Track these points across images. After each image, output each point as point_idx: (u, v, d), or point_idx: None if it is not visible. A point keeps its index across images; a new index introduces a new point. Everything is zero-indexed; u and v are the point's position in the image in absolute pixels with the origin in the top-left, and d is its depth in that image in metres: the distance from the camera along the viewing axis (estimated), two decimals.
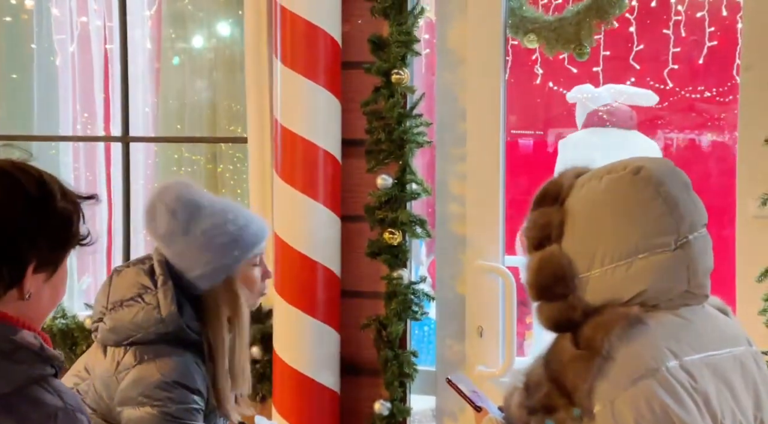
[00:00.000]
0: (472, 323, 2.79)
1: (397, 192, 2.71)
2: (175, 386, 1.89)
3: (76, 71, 3.79)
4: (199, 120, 3.67)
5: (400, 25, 2.67)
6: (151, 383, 1.89)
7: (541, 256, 1.46)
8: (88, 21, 3.85)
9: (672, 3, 5.65)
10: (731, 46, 5.33)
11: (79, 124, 3.80)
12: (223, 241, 1.95)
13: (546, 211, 1.47)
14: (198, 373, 1.94)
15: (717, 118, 6.50)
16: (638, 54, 5.58)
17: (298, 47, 2.70)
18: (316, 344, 2.74)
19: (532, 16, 2.70)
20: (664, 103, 6.46)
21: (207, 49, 3.71)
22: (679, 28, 5.61)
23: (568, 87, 5.98)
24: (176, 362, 1.91)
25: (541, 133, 6.52)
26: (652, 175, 1.41)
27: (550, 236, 1.45)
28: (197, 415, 1.92)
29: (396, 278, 2.72)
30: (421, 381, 2.83)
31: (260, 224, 2.05)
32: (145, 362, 1.92)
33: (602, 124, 4.75)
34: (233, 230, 1.96)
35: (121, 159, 3.38)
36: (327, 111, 2.72)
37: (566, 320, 1.44)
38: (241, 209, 2.06)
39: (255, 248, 2.00)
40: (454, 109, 2.77)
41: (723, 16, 5.45)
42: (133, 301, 1.96)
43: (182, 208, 1.96)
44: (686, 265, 1.41)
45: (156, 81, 3.73)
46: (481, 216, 2.75)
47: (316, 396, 2.75)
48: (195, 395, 1.91)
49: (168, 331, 1.93)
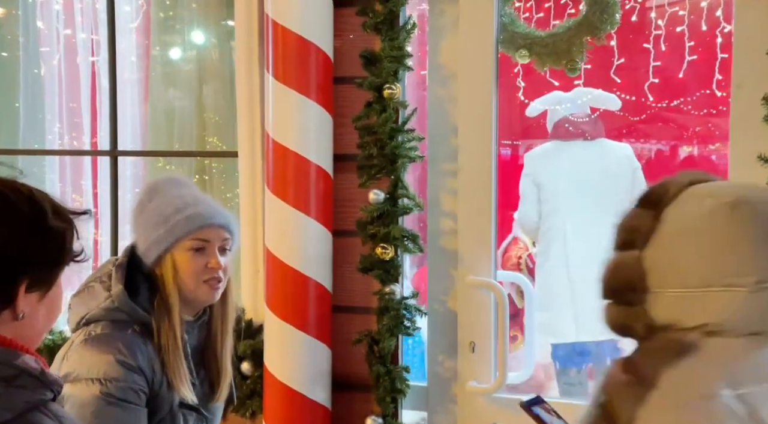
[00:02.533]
0: (464, 338, 2.78)
1: (389, 207, 2.71)
2: (116, 363, 1.89)
3: (62, 84, 3.77)
4: (184, 133, 3.66)
5: (392, 40, 2.67)
6: (92, 359, 1.90)
7: (620, 259, 1.43)
8: (74, 33, 3.82)
9: (652, 17, 5.71)
10: (711, 60, 5.40)
11: (66, 137, 3.77)
12: (157, 220, 2.00)
13: (641, 213, 1.43)
14: (142, 352, 1.94)
15: (693, 131, 6.57)
16: (619, 67, 5.63)
17: (290, 62, 2.69)
18: (307, 360, 2.73)
19: (524, 32, 2.71)
20: (643, 115, 6.53)
21: (193, 62, 3.69)
22: (659, 43, 5.67)
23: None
24: (118, 340, 1.92)
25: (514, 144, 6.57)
26: (750, 215, 1.36)
27: (635, 241, 1.42)
28: (136, 395, 1.91)
29: (388, 293, 2.72)
30: (412, 397, 2.82)
31: (205, 210, 2.02)
32: (90, 339, 1.93)
33: (568, 137, 4.71)
34: (168, 211, 2.00)
35: (109, 173, 3.35)
36: (319, 126, 2.72)
37: (628, 328, 1.42)
38: (196, 199, 2.05)
39: (185, 230, 1.99)
40: (446, 124, 2.77)
41: (702, 31, 5.51)
42: (93, 283, 2.02)
43: (145, 192, 2.06)
44: (763, 309, 1.35)
45: (144, 94, 3.71)
46: (473, 231, 2.75)
47: (307, 412, 2.73)
48: (135, 374, 1.91)
49: (114, 307, 1.95)
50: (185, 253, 1.99)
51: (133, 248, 2.05)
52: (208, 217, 2.01)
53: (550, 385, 5.02)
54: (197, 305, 2.06)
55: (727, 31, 5.28)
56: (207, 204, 2.05)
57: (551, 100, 4.93)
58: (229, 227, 2.06)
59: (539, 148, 4.82)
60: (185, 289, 1.99)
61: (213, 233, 2.02)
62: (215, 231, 2.02)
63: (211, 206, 2.05)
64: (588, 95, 4.95)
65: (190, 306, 2.04)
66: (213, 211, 2.04)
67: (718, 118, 6.05)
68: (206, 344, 2.11)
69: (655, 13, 5.64)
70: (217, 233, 2.03)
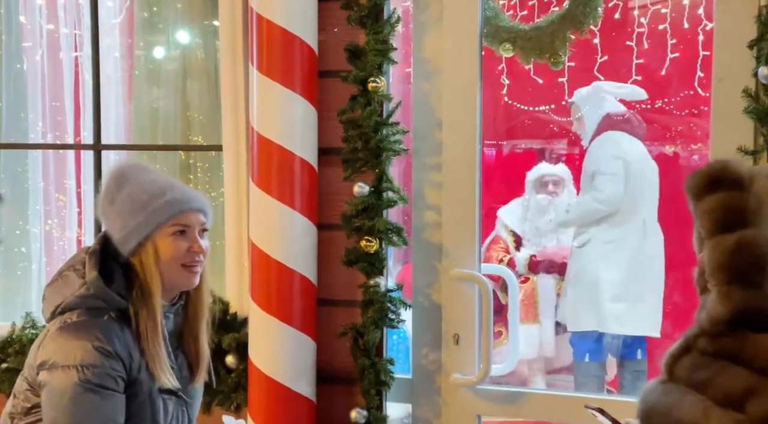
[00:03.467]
0: (448, 330, 2.80)
1: (374, 200, 2.72)
2: (93, 350, 1.89)
3: (45, 79, 3.75)
4: (168, 133, 3.65)
5: (377, 34, 2.68)
6: (68, 346, 1.89)
7: (740, 237, 1.37)
8: (57, 28, 3.81)
9: (635, 15, 5.74)
10: (692, 58, 5.44)
11: (49, 136, 3.76)
12: (132, 207, 1.98)
13: (735, 195, 1.39)
14: (119, 338, 1.93)
15: (675, 130, 6.60)
16: (602, 65, 5.66)
17: (275, 55, 2.69)
18: (292, 353, 2.73)
19: (508, 26, 2.72)
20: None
21: (177, 61, 3.68)
22: (642, 40, 5.71)
23: (535, 96, 6.06)
24: (95, 326, 1.92)
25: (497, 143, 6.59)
26: None
27: (745, 221, 1.37)
28: (114, 381, 1.90)
29: (373, 285, 2.72)
30: (396, 389, 2.83)
31: (182, 195, 2.02)
32: (66, 326, 1.93)
33: (623, 130, 4.82)
34: (144, 198, 1.99)
35: (93, 167, 3.34)
36: (304, 119, 2.72)
37: (759, 310, 1.34)
38: (171, 184, 2.04)
39: (165, 216, 1.98)
40: (431, 118, 2.78)
41: (685, 28, 5.55)
42: (67, 272, 2.01)
43: (112, 180, 2.03)
44: None
45: (128, 89, 3.70)
46: (458, 224, 2.77)
47: (292, 405, 2.73)
48: (112, 360, 1.90)
49: (89, 294, 1.95)
50: (167, 238, 1.99)
51: (105, 236, 2.04)
52: (187, 201, 2.01)
53: (534, 380, 5.05)
54: (176, 289, 2.05)
55: (709, 28, 5.32)
56: (182, 189, 2.05)
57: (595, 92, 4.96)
58: (206, 210, 2.06)
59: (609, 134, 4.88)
60: (166, 274, 1.99)
61: (193, 217, 2.02)
62: (195, 215, 2.02)
63: (187, 191, 2.05)
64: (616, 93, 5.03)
65: (169, 291, 2.04)
66: (190, 195, 2.04)
67: (699, 118, 6.08)
68: (184, 328, 2.11)
69: (638, 11, 5.67)
70: (196, 217, 2.03)
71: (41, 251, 3.76)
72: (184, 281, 2.02)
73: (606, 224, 4.66)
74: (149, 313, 1.97)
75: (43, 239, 3.79)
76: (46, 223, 3.79)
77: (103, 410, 1.88)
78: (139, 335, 1.96)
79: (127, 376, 1.94)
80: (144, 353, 1.96)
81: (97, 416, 1.88)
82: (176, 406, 2.07)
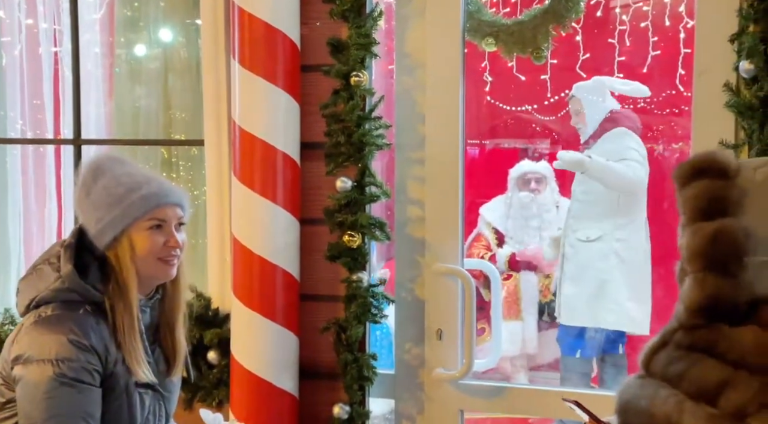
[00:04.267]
0: (431, 325, 2.79)
1: (357, 195, 2.71)
2: (68, 343, 1.87)
3: (24, 74, 3.72)
4: (149, 130, 3.63)
5: (359, 28, 2.67)
6: (43, 340, 1.88)
7: (719, 225, 1.35)
8: (36, 23, 3.78)
9: (617, 13, 5.76)
10: (674, 55, 5.47)
11: (29, 128, 3.73)
12: (108, 200, 1.97)
13: (719, 183, 1.38)
14: (94, 331, 1.92)
15: (657, 129, 6.64)
16: (584, 62, 5.68)
17: (257, 49, 2.68)
18: (274, 348, 2.72)
19: (490, 20, 2.72)
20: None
21: (159, 60, 3.66)
22: (624, 38, 5.73)
23: (517, 95, 6.07)
24: (70, 320, 1.91)
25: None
26: None
27: (726, 210, 1.36)
28: (89, 374, 1.89)
29: (355, 280, 2.72)
30: (379, 384, 2.82)
31: (159, 189, 2.00)
32: (41, 320, 1.91)
33: (627, 126, 4.78)
34: (120, 191, 1.97)
35: (73, 161, 3.31)
36: (286, 113, 2.71)
37: (732, 301, 1.32)
38: (147, 177, 2.02)
39: (142, 210, 1.97)
40: (413, 112, 2.78)
41: (666, 26, 5.58)
42: (41, 265, 2.00)
43: (89, 172, 2.01)
44: None
45: (108, 85, 3.68)
46: (441, 219, 2.76)
47: (274, 400, 2.72)
48: (88, 353, 1.89)
49: (64, 287, 1.94)
50: (143, 232, 1.97)
51: (81, 229, 2.02)
52: (164, 195, 1.99)
53: (517, 376, 5.06)
54: (153, 282, 2.04)
55: (690, 26, 5.35)
56: (159, 182, 2.03)
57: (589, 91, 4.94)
58: (183, 203, 2.05)
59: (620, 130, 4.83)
60: (143, 268, 1.98)
61: (169, 211, 2.00)
62: (171, 209, 2.01)
63: (164, 184, 2.03)
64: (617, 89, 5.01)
65: (145, 285, 2.02)
66: (167, 189, 2.02)
67: (680, 117, 6.11)
68: (160, 321, 2.09)
69: (620, 9, 5.70)
70: (173, 210, 2.01)
71: (20, 247, 3.73)
72: (160, 274, 2.00)
73: (616, 220, 4.59)
74: (125, 307, 1.96)
75: (22, 235, 3.76)
76: (25, 219, 3.76)
77: (78, 403, 1.86)
78: (115, 328, 1.95)
79: (103, 369, 1.92)
80: (120, 346, 1.95)
81: (73, 410, 1.86)
82: (153, 400, 2.05)
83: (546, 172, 5.34)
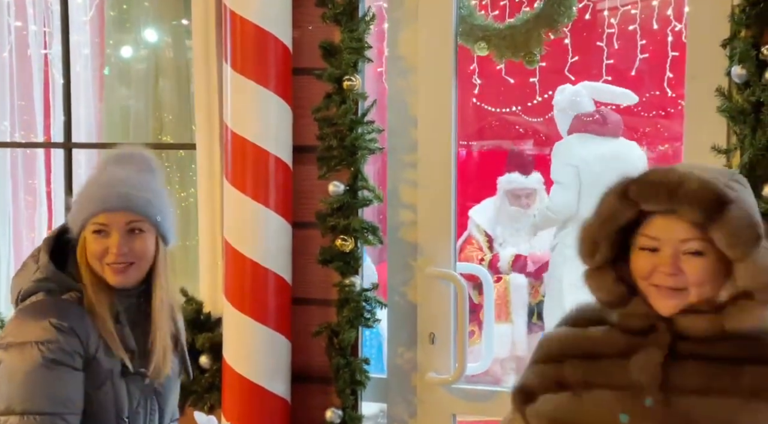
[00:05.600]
0: (423, 329, 2.79)
1: (349, 199, 2.70)
2: (49, 326, 1.88)
3: (13, 77, 3.70)
4: (139, 134, 3.61)
5: (352, 32, 2.67)
6: (25, 325, 1.89)
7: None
8: (25, 25, 3.76)
9: (605, 16, 5.79)
10: (662, 58, 5.49)
11: (18, 131, 3.70)
12: (79, 198, 2.02)
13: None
14: (75, 314, 1.92)
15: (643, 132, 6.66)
16: (573, 65, 5.70)
17: (249, 52, 2.67)
18: (266, 352, 2.72)
19: (483, 24, 2.73)
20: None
21: (148, 62, 3.64)
22: (612, 41, 5.75)
23: (507, 97, 6.08)
24: (51, 305, 1.93)
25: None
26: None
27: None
28: (70, 356, 1.89)
29: (348, 285, 2.71)
30: (371, 388, 2.82)
31: (104, 193, 1.99)
32: (24, 307, 1.94)
33: (590, 131, 4.81)
34: (82, 192, 2.02)
35: (63, 165, 3.30)
36: (278, 117, 2.70)
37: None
38: (111, 182, 2.00)
39: (84, 215, 1.98)
40: (406, 116, 2.78)
41: (654, 29, 5.60)
42: (27, 260, 2.04)
43: (98, 162, 2.12)
44: None
45: (99, 87, 3.66)
46: (433, 222, 2.76)
47: (266, 405, 2.71)
48: (69, 336, 1.89)
49: (42, 277, 1.97)
50: (90, 235, 1.99)
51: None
52: (102, 202, 1.97)
53: (507, 379, 5.06)
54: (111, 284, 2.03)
55: (678, 29, 5.38)
56: (112, 188, 1.99)
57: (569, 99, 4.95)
58: (135, 209, 1.99)
59: (567, 140, 4.94)
60: (95, 269, 1.99)
61: (111, 217, 1.97)
62: (114, 215, 1.97)
63: (112, 190, 1.99)
64: (603, 94, 5.02)
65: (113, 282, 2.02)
66: (111, 195, 1.98)
67: (668, 119, 6.14)
68: (148, 316, 2.08)
69: (608, 12, 5.72)
70: (116, 216, 1.97)
71: (10, 250, 3.70)
72: (109, 280, 1.99)
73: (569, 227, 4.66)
74: (90, 298, 1.97)
75: (12, 238, 3.73)
76: (14, 223, 3.74)
77: (58, 386, 1.86)
78: (91, 315, 1.95)
79: (84, 353, 1.92)
80: (99, 332, 1.95)
81: (52, 392, 1.85)
82: (142, 393, 2.03)
83: (536, 185, 5.34)
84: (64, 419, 1.86)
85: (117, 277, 1.98)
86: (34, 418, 1.83)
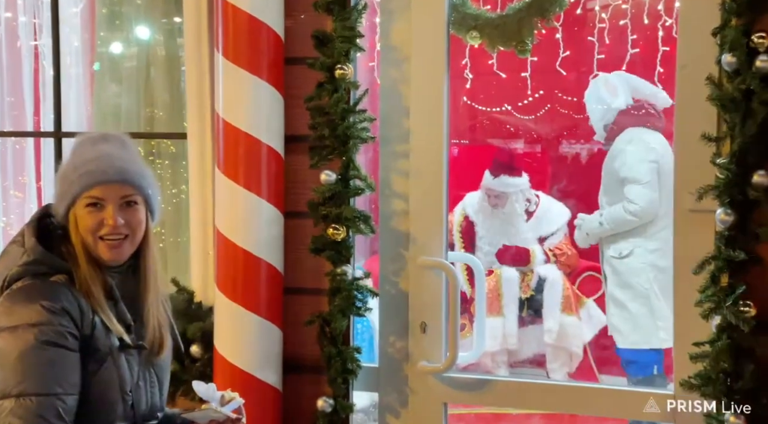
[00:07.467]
0: (415, 318, 2.79)
1: (341, 188, 2.70)
2: (41, 309, 1.86)
3: (3, 68, 3.69)
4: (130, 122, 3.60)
5: (344, 21, 2.67)
6: (16, 309, 1.87)
7: None
8: (15, 16, 3.75)
9: (596, 11, 5.80)
10: (652, 52, 5.51)
11: (8, 123, 3.69)
12: (61, 176, 2.00)
13: None
14: (66, 295, 1.91)
15: None
16: (564, 60, 5.71)
17: (241, 41, 2.67)
18: (258, 342, 2.72)
19: (475, 13, 2.73)
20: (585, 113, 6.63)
21: (139, 58, 3.63)
22: (603, 36, 5.77)
23: (498, 91, 6.09)
24: (41, 287, 1.91)
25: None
26: None
27: None
28: (63, 337, 1.87)
29: (340, 274, 2.71)
30: (363, 377, 2.82)
31: (97, 167, 1.97)
32: (12, 292, 1.91)
33: (650, 126, 4.60)
34: (69, 169, 1.99)
35: (53, 154, 3.29)
36: (270, 106, 2.70)
37: None
38: (102, 155, 1.99)
39: (77, 188, 1.96)
40: (398, 105, 2.78)
41: (645, 24, 5.62)
42: (9, 247, 2.00)
43: (73, 145, 2.04)
44: None
45: (89, 79, 3.65)
46: (425, 212, 2.76)
47: (258, 394, 2.71)
48: (60, 317, 1.87)
49: (31, 259, 1.94)
50: (83, 210, 1.97)
51: (48, 207, 2.04)
52: (100, 173, 1.96)
53: (498, 372, 5.07)
54: (102, 261, 2.02)
55: (668, 24, 5.40)
56: (104, 161, 1.98)
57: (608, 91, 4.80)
58: (130, 182, 1.99)
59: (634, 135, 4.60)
60: (87, 245, 1.98)
61: (107, 190, 1.96)
62: (110, 188, 1.96)
63: (106, 162, 1.98)
64: (640, 93, 4.81)
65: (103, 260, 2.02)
66: (107, 167, 1.97)
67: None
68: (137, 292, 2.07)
69: (599, 7, 5.74)
70: (112, 189, 1.97)
71: (0, 240, 3.69)
72: (102, 255, 1.98)
73: (646, 229, 4.42)
74: (84, 277, 1.95)
75: (1, 227, 3.72)
76: (3, 212, 3.73)
77: (53, 366, 1.84)
78: (85, 293, 1.95)
79: (79, 332, 1.90)
80: (94, 309, 1.95)
81: (48, 373, 1.83)
82: (141, 367, 2.03)
83: (505, 188, 5.26)
84: (61, 400, 1.84)
85: (111, 252, 1.98)
86: (31, 400, 1.81)
